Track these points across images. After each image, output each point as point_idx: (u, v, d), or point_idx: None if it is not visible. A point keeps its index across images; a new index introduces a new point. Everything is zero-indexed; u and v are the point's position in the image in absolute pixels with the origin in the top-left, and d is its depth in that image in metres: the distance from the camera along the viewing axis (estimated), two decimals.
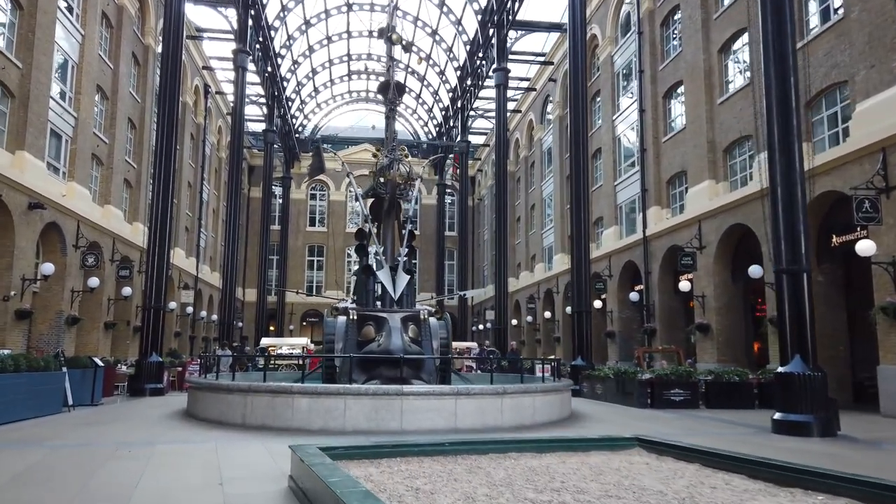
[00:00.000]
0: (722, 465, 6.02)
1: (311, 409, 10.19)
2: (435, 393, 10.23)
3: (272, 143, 43.74)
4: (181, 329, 36.38)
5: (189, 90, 37.44)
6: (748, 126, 20.33)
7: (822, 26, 17.51)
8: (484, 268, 56.02)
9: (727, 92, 21.79)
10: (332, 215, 57.96)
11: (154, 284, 20.28)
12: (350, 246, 58.51)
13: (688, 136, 23.63)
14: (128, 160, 29.11)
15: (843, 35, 16.59)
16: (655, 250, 25.78)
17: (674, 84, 25.28)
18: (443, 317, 14.82)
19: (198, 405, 12.19)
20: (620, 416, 13.52)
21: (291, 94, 51.57)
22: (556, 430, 10.57)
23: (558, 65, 38.55)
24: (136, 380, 19.50)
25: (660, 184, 26.00)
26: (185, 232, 38.52)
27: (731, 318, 21.49)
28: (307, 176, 21.20)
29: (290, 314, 54.52)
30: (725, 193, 21.51)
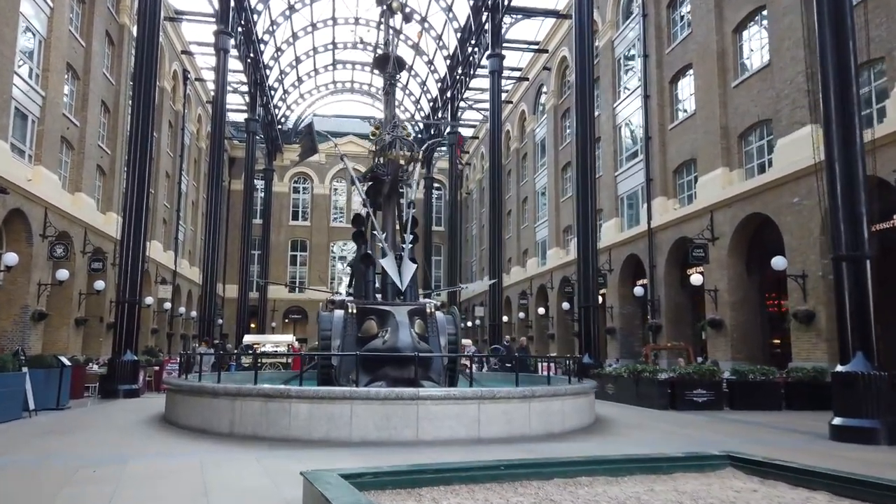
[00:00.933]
0: (853, 493, 4.70)
1: (312, 416, 8.75)
2: (455, 397, 8.83)
3: (254, 132, 41.97)
4: (158, 326, 34.58)
5: (167, 75, 35.60)
6: (767, 110, 19.17)
7: None
8: (472, 263, 54.67)
9: (742, 74, 20.60)
10: (315, 209, 56.25)
11: (129, 277, 18.64)
12: (334, 241, 56.91)
13: (698, 121, 22.44)
14: (101, 146, 27.31)
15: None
16: (661, 243, 24.59)
17: (682, 68, 24.09)
18: (450, 310, 13.39)
19: (178, 410, 10.68)
20: (652, 421, 12.21)
21: (274, 83, 49.80)
22: (592, 440, 9.22)
23: (553, 53, 37.29)
24: (108, 380, 17.87)
25: (666, 173, 24.81)
26: (162, 224, 36.69)
27: (746, 313, 20.33)
28: (299, 157, 19.37)
29: (273, 311, 52.77)
30: (741, 182, 20.33)
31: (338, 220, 56.94)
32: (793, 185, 17.51)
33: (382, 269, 13.74)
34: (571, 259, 33.11)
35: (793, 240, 17.54)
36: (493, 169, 32.64)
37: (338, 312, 13.03)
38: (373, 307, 12.57)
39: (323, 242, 55.71)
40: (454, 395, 8.80)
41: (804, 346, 17.05)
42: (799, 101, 17.46)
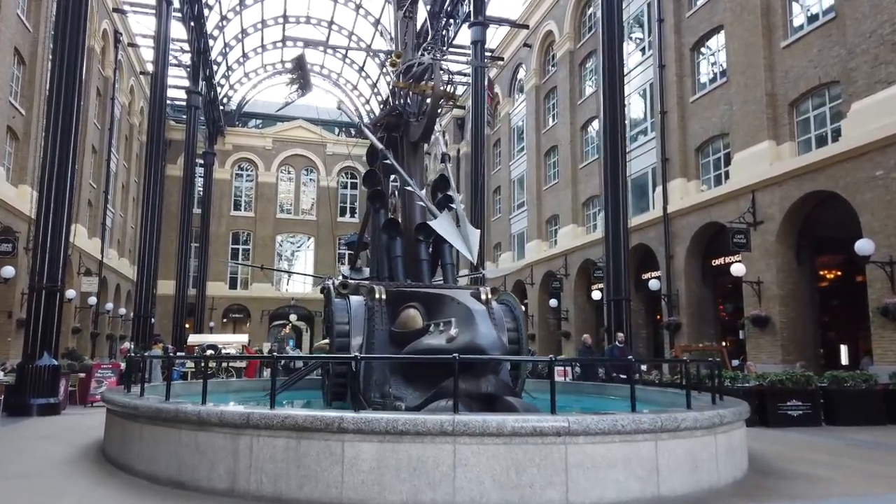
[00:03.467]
0: None
1: (384, 465, 5.06)
2: (625, 429, 5.28)
3: (196, 106, 37.11)
4: (81, 324, 29.51)
5: (96, 33, 30.58)
6: (832, 70, 16.44)
7: None
8: None
9: (795, 33, 17.85)
10: (260, 199, 51.40)
11: (48, 261, 14.34)
12: (281, 234, 52.16)
13: (733, 90, 19.61)
14: (13, 103, 22.38)
15: None
16: (680, 230, 21.70)
17: (708, 31, 21.26)
18: (503, 298, 9.70)
19: (130, 446, 6.74)
20: (808, 452, 9.00)
21: (217, 58, 44.92)
22: None
23: (535, 28, 34.19)
24: (17, 392, 13.50)
25: (686, 151, 21.94)
26: (87, 207, 31.57)
27: (797, 309, 17.56)
28: (290, 96, 15.32)
29: (211, 309, 47.70)
30: (793, 157, 17.57)
31: (285, 210, 52.27)
32: (876, 154, 14.78)
33: (407, 243, 10.10)
34: (557, 252, 30.13)
35: (874, 221, 14.80)
36: (475, 152, 29.12)
37: (355, 299, 9.31)
38: (414, 291, 8.92)
39: (268, 235, 50.95)
40: (623, 427, 5.24)
41: (890, 345, 14.31)
42: (884, 57, 14.75)
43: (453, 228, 8.20)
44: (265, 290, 49.60)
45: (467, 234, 8.17)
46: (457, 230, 8.19)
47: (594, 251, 26.81)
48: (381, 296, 8.99)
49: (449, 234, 8.12)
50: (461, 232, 8.15)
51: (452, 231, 8.15)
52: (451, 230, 8.17)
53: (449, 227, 8.23)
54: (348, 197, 53.29)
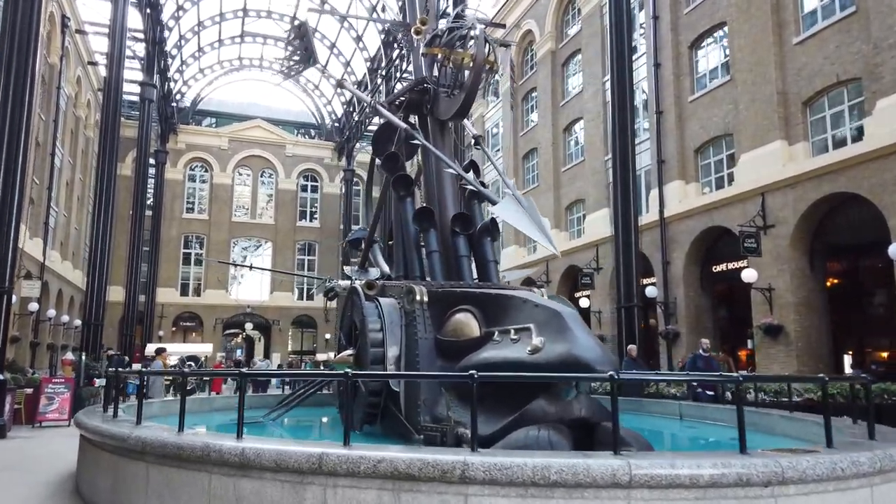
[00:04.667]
0: None
1: None
2: (844, 475, 3.92)
3: (150, 99, 34.62)
4: (20, 333, 26.77)
5: (43, 15, 27.97)
6: (853, 67, 15.70)
7: None
8: None
9: (808, 29, 17.12)
10: (214, 201, 48.75)
11: None
12: (236, 238, 49.57)
13: (738, 88, 18.79)
14: None
15: None
16: (677, 234, 20.76)
17: (709, 28, 20.45)
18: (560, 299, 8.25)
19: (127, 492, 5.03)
20: None
21: (172, 50, 42.42)
22: None
23: (511, 29, 33.15)
24: None
25: (684, 153, 21.05)
26: (29, 204, 28.82)
27: (811, 318, 16.72)
28: (288, 70, 13.42)
29: (161, 317, 44.87)
30: (807, 157, 16.78)
31: (240, 213, 49.78)
32: None
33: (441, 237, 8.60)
34: (537, 258, 28.97)
35: None
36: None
37: (387, 302, 7.78)
38: (466, 291, 7.43)
39: (223, 238, 48.32)
40: (842, 471, 3.88)
41: None
42: None
43: (524, 215, 6.74)
44: (219, 298, 46.99)
45: (541, 223, 6.72)
46: (528, 217, 6.74)
47: (579, 257, 25.78)
48: (423, 297, 7.48)
49: (520, 222, 6.65)
50: (533, 219, 6.69)
51: (523, 218, 6.68)
52: (521, 217, 6.71)
53: (518, 214, 6.76)
54: (308, 200, 51.10)
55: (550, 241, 6.57)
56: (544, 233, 6.59)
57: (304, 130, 53.15)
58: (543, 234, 6.57)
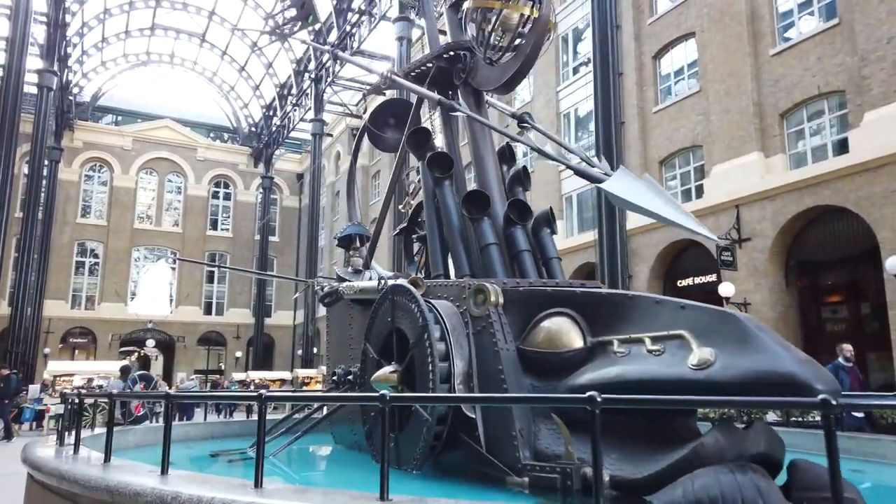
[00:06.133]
0: None
1: None
2: None
3: (49, 88, 30.87)
4: None
5: None
6: (836, 79, 15.54)
7: None
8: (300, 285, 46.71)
9: (787, 40, 16.93)
10: (114, 205, 44.54)
11: None
12: (138, 247, 45.35)
13: (710, 99, 18.41)
14: None
15: None
16: (641, 248, 20.11)
17: (677, 37, 20.08)
18: None
19: None
20: None
21: (73, 38, 38.47)
22: None
23: None
24: None
25: (648, 165, 20.50)
26: None
27: (789, 334, 16.30)
28: (281, 30, 11.20)
29: (48, 333, 40.17)
30: (785, 170, 16.49)
31: (143, 220, 45.74)
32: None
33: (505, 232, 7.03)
34: None
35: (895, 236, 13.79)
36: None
37: (443, 304, 6.17)
38: (558, 290, 5.91)
39: (123, 247, 44.12)
40: None
41: None
42: None
43: (655, 193, 5.31)
44: (116, 311, 42.81)
45: (677, 204, 5.33)
46: (660, 195, 5.32)
47: None
48: (498, 299, 5.90)
49: (650, 203, 5.20)
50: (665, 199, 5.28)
51: (655, 198, 5.25)
52: (650, 197, 5.27)
53: (647, 192, 5.31)
54: (220, 208, 47.74)
55: (699, 225, 5.17)
56: (687, 214, 5.20)
57: (218, 134, 49.85)
58: (687, 215, 5.18)
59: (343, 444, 8.59)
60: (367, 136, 10.08)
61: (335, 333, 9.22)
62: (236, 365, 44.15)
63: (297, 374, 26.66)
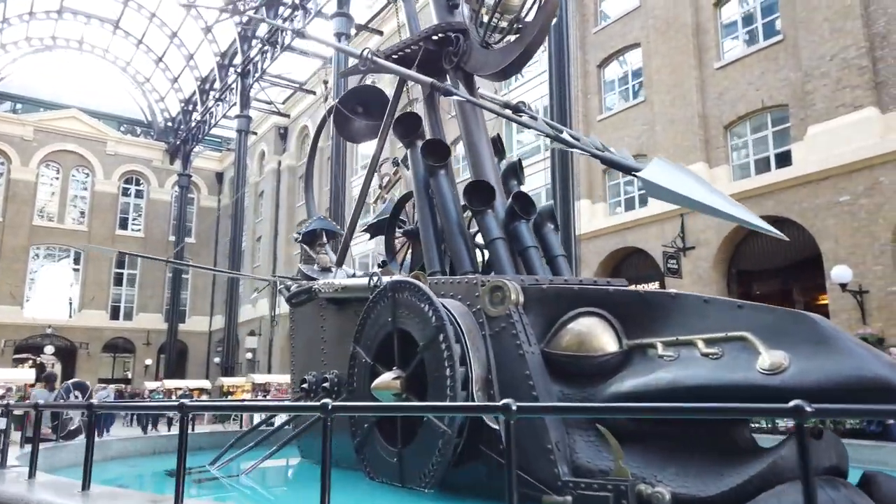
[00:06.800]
0: None
1: None
2: None
3: None
4: None
5: None
6: (781, 93, 15.99)
7: None
8: (223, 283, 44.46)
9: (731, 54, 17.34)
10: (11, 200, 40.91)
11: None
12: (38, 244, 41.91)
13: (655, 109, 18.66)
14: None
15: None
16: (585, 255, 20.09)
17: (621, 48, 20.27)
18: None
19: None
20: None
21: None
22: None
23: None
24: None
25: (591, 173, 20.57)
26: None
27: None
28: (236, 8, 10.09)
29: None
30: (729, 181, 16.83)
31: (44, 217, 42.38)
32: (840, 180, 14.32)
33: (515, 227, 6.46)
34: None
35: (839, 248, 14.24)
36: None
37: (453, 304, 5.59)
38: (585, 288, 5.43)
39: (20, 245, 40.57)
40: None
41: None
42: (847, 80, 14.46)
43: (698, 183, 4.91)
44: (10, 315, 39.30)
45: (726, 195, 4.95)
46: (704, 185, 4.93)
47: None
48: (518, 297, 5.34)
49: (696, 192, 4.79)
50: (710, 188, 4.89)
51: (698, 187, 4.85)
52: (695, 186, 4.86)
53: (690, 181, 4.91)
54: (131, 206, 44.87)
55: (755, 216, 4.80)
56: (739, 206, 4.82)
57: (130, 127, 46.93)
58: (738, 206, 4.80)
59: (312, 458, 7.79)
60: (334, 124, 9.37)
61: (303, 336, 8.40)
62: (145, 373, 41.48)
63: (222, 382, 25.14)
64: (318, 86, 36.31)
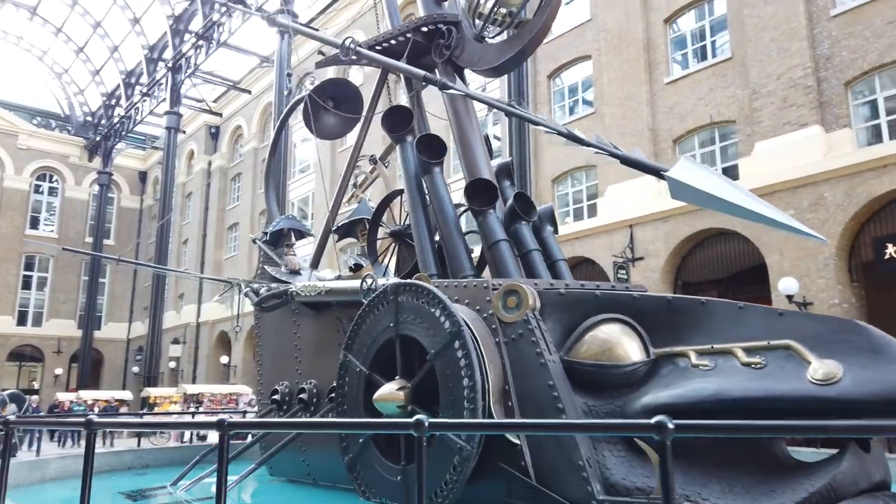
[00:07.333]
0: None
1: None
2: None
3: None
4: None
5: None
6: (729, 109, 16.43)
7: None
8: (143, 289, 42.20)
9: (681, 70, 17.71)
10: None
11: None
12: None
13: (606, 121, 18.84)
14: None
15: None
16: None
17: (572, 60, 20.41)
18: None
19: None
20: None
21: None
22: None
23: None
24: None
25: (539, 182, 20.58)
26: None
27: None
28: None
29: None
30: None
31: None
32: (785, 195, 14.77)
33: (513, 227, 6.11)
34: None
35: (783, 261, 14.67)
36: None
37: (461, 309, 5.21)
38: (607, 294, 5.19)
39: None
40: None
41: None
42: (794, 99, 14.97)
43: (731, 186, 4.71)
44: None
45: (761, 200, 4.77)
46: (738, 189, 4.74)
47: None
48: (535, 302, 5.01)
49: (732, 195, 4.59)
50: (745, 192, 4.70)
51: (729, 187, 4.65)
52: (730, 188, 4.66)
53: (724, 184, 4.71)
54: (44, 204, 42.05)
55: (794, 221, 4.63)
56: (776, 209, 4.65)
57: (45, 121, 44.03)
58: (777, 210, 4.63)
59: (283, 475, 7.19)
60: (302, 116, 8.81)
61: (273, 343, 7.79)
62: (55, 384, 38.79)
63: (149, 393, 23.61)
64: (253, 84, 35.15)
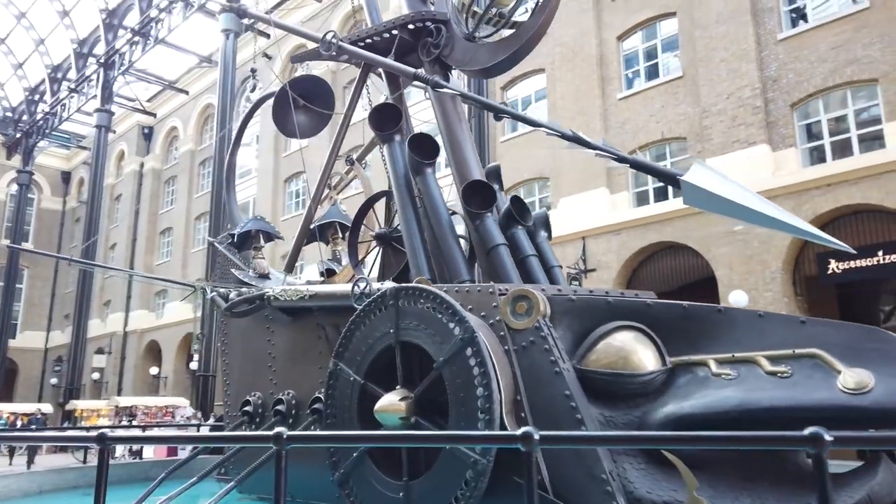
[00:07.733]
0: None
1: None
2: None
3: None
4: None
5: None
6: (680, 126, 16.84)
7: None
8: (64, 295, 39.88)
9: (633, 86, 18.06)
10: None
11: None
12: None
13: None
14: None
15: None
16: None
17: (526, 72, 20.51)
18: None
19: None
20: None
21: None
22: None
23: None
24: None
25: None
26: None
27: None
28: None
29: None
30: (630, 207, 17.42)
31: None
32: None
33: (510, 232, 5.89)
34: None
35: (732, 274, 15.08)
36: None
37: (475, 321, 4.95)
38: (621, 301, 5.06)
39: None
40: None
41: None
42: (743, 118, 15.47)
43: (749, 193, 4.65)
44: None
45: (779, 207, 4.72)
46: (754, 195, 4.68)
47: None
48: (546, 308, 4.81)
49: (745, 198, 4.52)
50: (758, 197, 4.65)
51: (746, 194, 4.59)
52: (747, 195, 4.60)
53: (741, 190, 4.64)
54: None
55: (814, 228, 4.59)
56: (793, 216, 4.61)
57: None
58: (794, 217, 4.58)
59: (253, 492, 6.73)
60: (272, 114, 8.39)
61: (242, 352, 7.30)
62: None
63: (75, 405, 22.12)
64: (191, 85, 33.94)
